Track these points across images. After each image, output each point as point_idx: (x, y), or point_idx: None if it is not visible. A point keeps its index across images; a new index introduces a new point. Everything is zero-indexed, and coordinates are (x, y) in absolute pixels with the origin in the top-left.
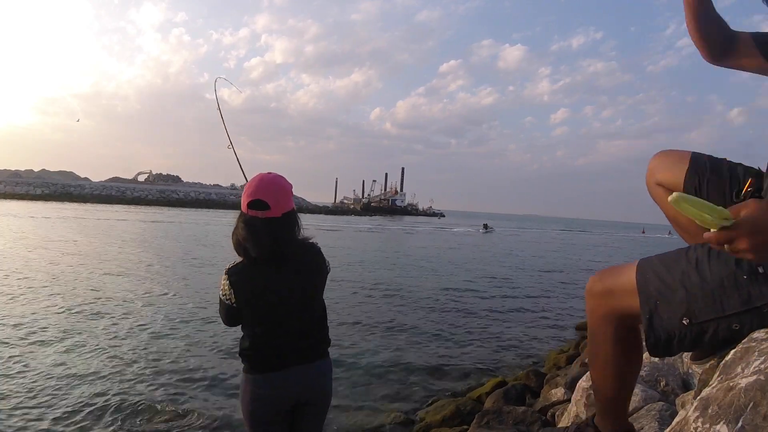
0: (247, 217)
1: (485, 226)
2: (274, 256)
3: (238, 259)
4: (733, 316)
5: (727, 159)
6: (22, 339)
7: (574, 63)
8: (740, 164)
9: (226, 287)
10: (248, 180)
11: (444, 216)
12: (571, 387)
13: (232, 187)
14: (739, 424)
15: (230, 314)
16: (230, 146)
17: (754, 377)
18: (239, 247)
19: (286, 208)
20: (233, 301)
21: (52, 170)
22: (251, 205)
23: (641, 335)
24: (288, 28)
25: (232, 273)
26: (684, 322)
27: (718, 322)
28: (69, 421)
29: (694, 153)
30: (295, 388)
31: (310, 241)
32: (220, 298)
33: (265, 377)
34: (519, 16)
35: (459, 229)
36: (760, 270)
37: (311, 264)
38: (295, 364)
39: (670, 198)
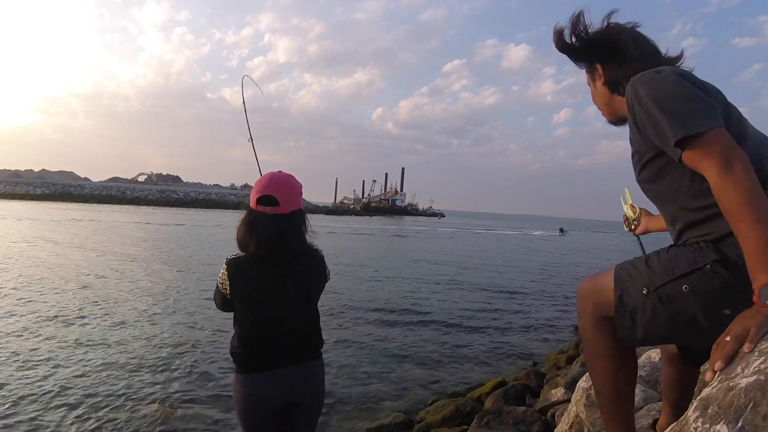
0: (255, 212)
1: (561, 230)
2: (278, 254)
3: (241, 252)
4: (682, 277)
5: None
6: (28, 338)
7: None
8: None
9: (224, 277)
10: (262, 175)
11: (444, 216)
12: (571, 387)
13: (232, 187)
14: (739, 424)
15: (224, 302)
16: (250, 140)
17: (754, 377)
18: (243, 242)
19: (295, 206)
20: (228, 291)
21: (52, 170)
22: (260, 200)
23: None
24: (292, 27)
25: (232, 264)
26: (644, 291)
27: (670, 286)
28: (68, 420)
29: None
30: (284, 388)
31: (315, 247)
32: (217, 286)
33: (255, 377)
34: (524, 16)
35: (537, 233)
36: (726, 312)
37: (313, 269)
38: (285, 365)
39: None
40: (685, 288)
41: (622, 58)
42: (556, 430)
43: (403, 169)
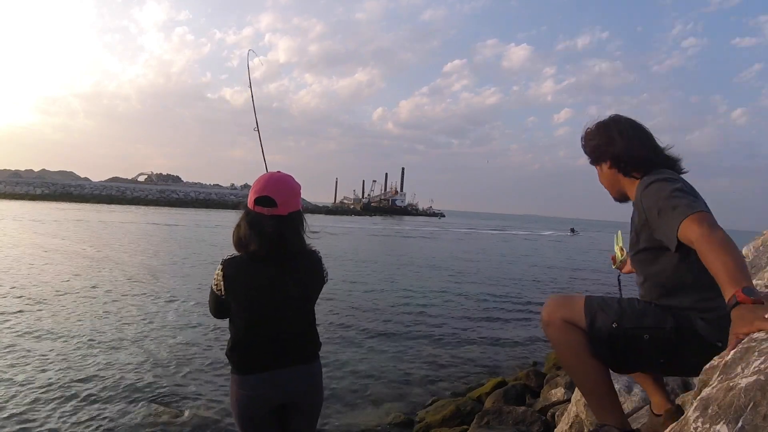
0: (252, 213)
1: (572, 230)
2: (275, 255)
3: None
4: (647, 329)
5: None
6: (27, 341)
7: (579, 63)
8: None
9: (219, 278)
10: (267, 170)
11: (444, 216)
12: (571, 387)
13: (232, 187)
14: (739, 424)
15: (218, 305)
16: (256, 129)
17: (754, 377)
18: (240, 243)
19: (293, 207)
20: (223, 292)
21: (52, 170)
22: (258, 201)
23: None
24: (292, 27)
25: (228, 265)
26: (613, 325)
27: (635, 330)
28: (68, 420)
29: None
30: (284, 388)
31: (313, 248)
32: (211, 288)
33: (250, 378)
34: (524, 16)
35: (547, 233)
36: (661, 360)
37: (310, 270)
38: (281, 366)
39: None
40: (646, 337)
41: (621, 152)
42: (556, 430)
43: (403, 169)
